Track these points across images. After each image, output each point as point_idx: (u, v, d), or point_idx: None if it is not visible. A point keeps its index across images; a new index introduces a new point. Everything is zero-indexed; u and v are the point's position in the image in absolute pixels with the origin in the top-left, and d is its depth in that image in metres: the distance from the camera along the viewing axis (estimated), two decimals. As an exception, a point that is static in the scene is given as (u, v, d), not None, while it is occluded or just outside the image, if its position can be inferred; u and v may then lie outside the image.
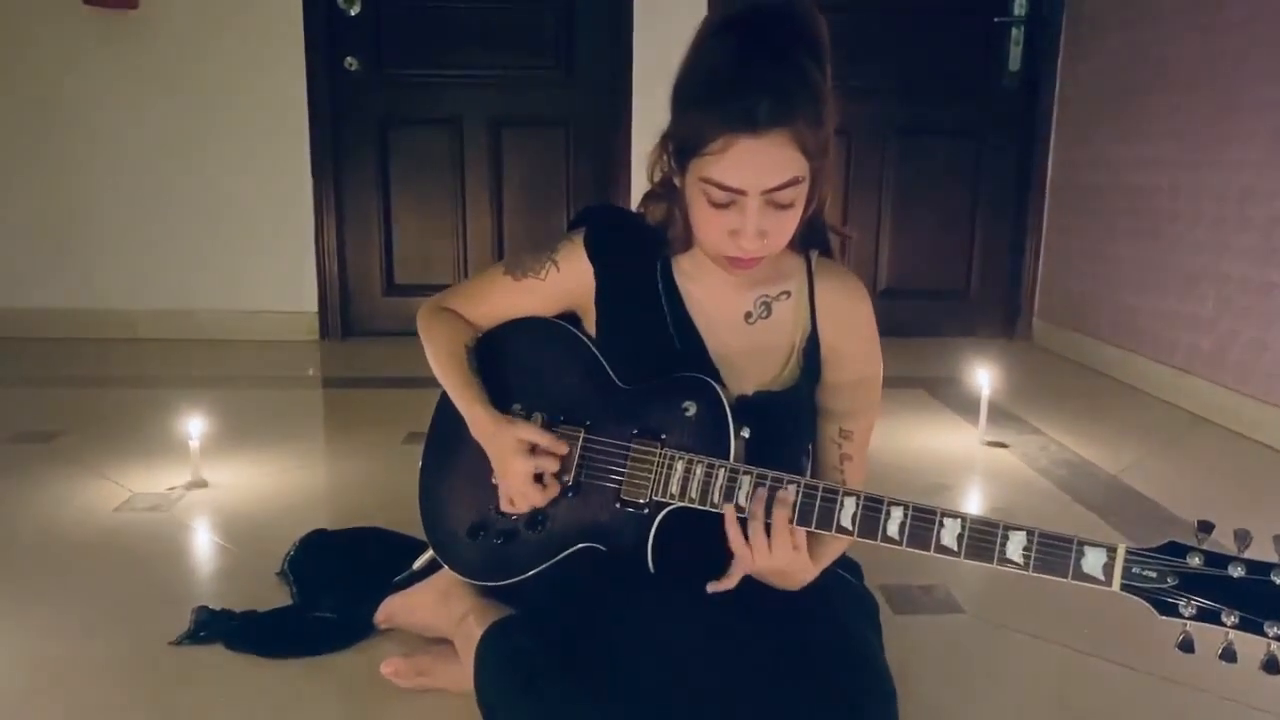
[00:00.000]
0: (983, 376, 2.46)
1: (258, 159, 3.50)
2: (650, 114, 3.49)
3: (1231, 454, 2.45)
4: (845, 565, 1.33)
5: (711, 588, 1.09)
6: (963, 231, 3.79)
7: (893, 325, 3.55)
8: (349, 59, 3.51)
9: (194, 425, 2.07)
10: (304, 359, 3.40)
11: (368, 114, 3.58)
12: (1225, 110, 2.63)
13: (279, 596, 1.55)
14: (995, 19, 3.59)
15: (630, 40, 3.50)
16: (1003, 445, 2.42)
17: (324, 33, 3.46)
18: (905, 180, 3.75)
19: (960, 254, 3.81)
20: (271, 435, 2.49)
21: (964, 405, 2.70)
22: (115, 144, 3.45)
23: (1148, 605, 0.96)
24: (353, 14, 3.49)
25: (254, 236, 3.55)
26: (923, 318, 3.75)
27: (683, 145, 1.11)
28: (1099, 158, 3.30)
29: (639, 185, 3.56)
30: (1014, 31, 3.60)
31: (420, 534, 1.54)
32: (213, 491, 2.04)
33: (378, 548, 1.66)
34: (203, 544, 1.82)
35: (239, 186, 3.51)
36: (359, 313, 3.70)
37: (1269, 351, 2.46)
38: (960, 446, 2.43)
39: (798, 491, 1.07)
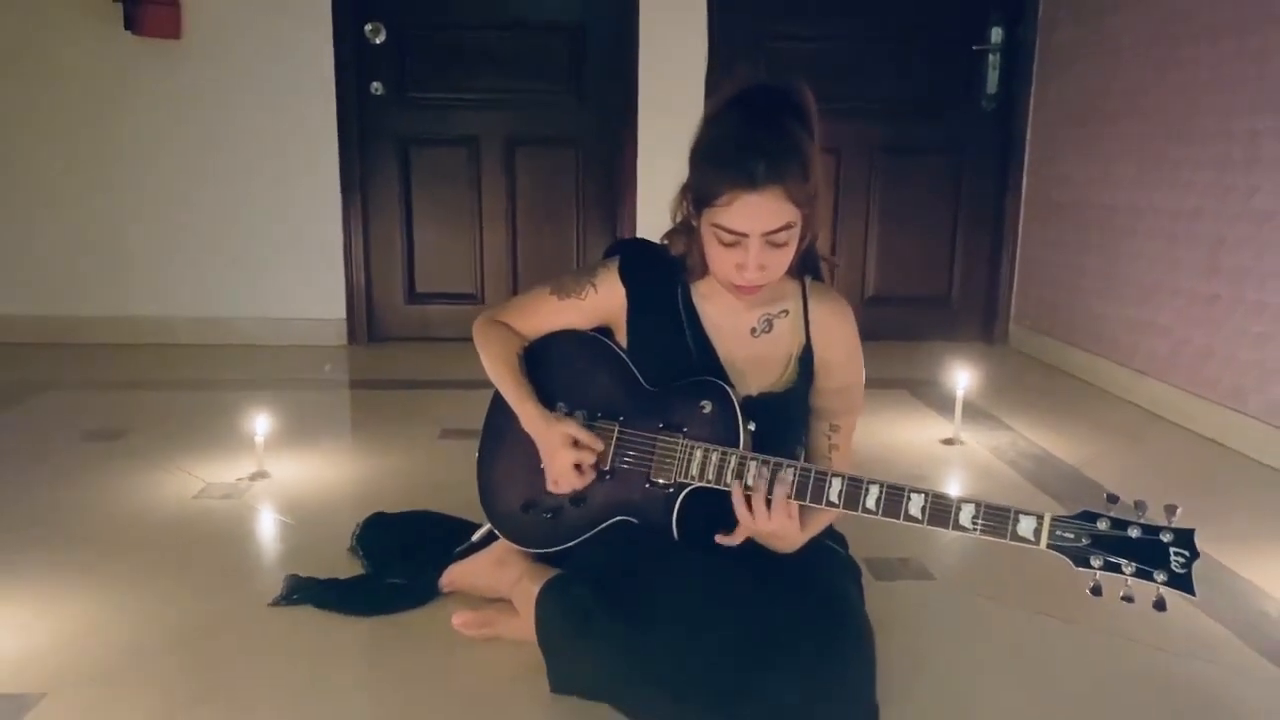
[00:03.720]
0: (959, 378, 2.73)
1: (291, 176, 3.76)
2: (654, 135, 3.79)
3: (1181, 448, 2.72)
4: (834, 538, 1.61)
5: (719, 539, 1.37)
6: (944, 243, 4.06)
7: (879, 330, 3.90)
8: (375, 84, 3.77)
9: (259, 423, 2.34)
10: (334, 363, 3.65)
11: (391, 134, 3.84)
12: (1175, 138, 2.91)
13: (351, 567, 1.82)
14: (974, 46, 3.87)
15: (636, 66, 3.76)
16: (960, 441, 2.69)
17: (352, 60, 3.73)
18: (891, 195, 4.02)
19: (942, 264, 4.08)
20: (317, 432, 2.75)
21: (942, 404, 2.97)
22: (159, 163, 3.71)
23: (1067, 560, 1.24)
24: (378, 43, 3.75)
25: (287, 248, 3.80)
26: (907, 323, 4.02)
27: (698, 196, 1.39)
28: (1068, 176, 3.58)
29: (644, 201, 3.89)
30: (991, 58, 3.88)
31: (467, 515, 1.83)
32: (275, 481, 2.30)
33: (434, 526, 1.92)
34: (276, 524, 2.09)
35: (274, 202, 3.77)
36: (383, 319, 3.96)
37: (1214, 357, 2.74)
38: (936, 441, 2.70)
39: (795, 473, 1.34)
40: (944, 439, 2.70)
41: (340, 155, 3.76)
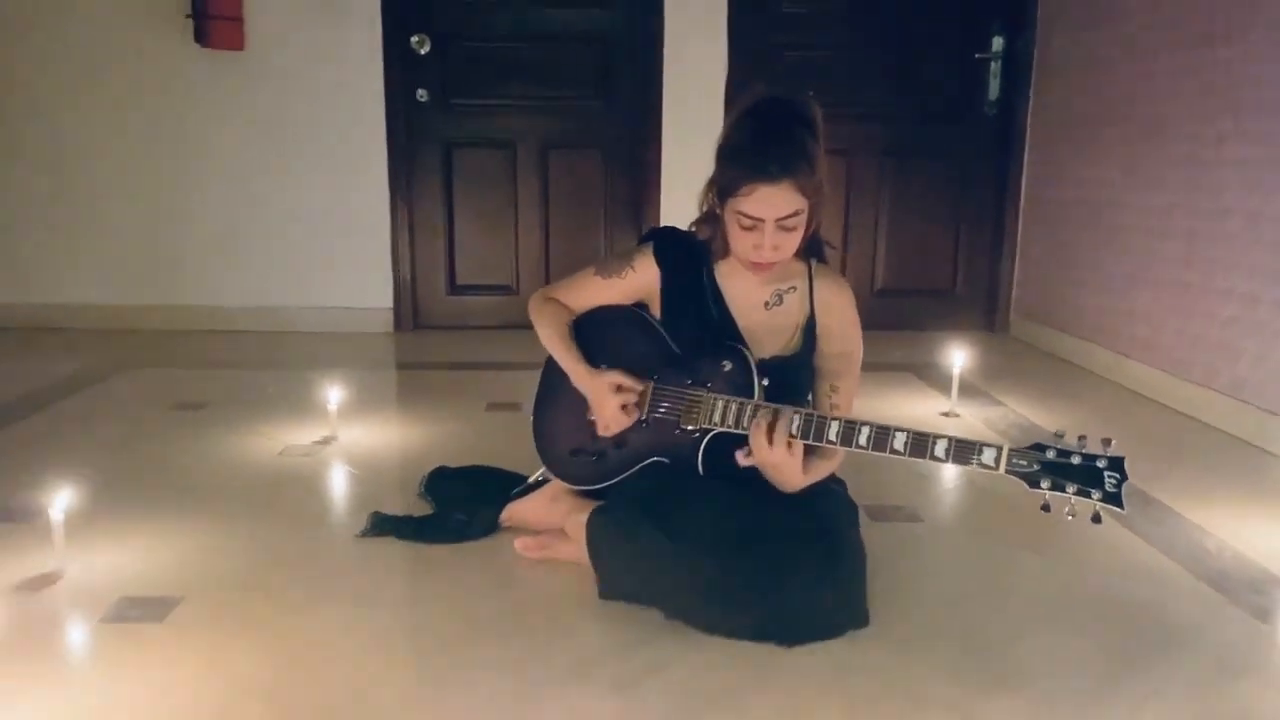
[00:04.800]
0: (956, 358, 3.01)
1: (343, 176, 4.08)
2: (677, 137, 4.09)
3: (1156, 420, 2.99)
4: (836, 481, 1.90)
5: (738, 455, 1.65)
6: (948, 239, 4.34)
7: (887, 320, 4.21)
8: (420, 91, 4.09)
9: (331, 392, 2.65)
10: (382, 348, 3.97)
11: (435, 138, 4.15)
12: (1155, 140, 3.19)
13: (422, 509, 2.12)
14: (976, 55, 4.15)
15: (660, 74, 4.06)
16: (956, 414, 2.97)
17: (399, 69, 4.04)
18: (898, 195, 4.30)
19: (946, 259, 4.35)
20: (375, 405, 3.07)
21: (944, 384, 3.24)
22: (223, 163, 4.04)
23: (1022, 482, 1.53)
24: (423, 53, 4.06)
25: (339, 243, 4.12)
26: (913, 314, 4.30)
27: (722, 189, 1.69)
28: (1063, 176, 3.86)
29: (667, 198, 4.21)
30: (993, 66, 4.15)
31: (518, 468, 2.13)
32: (346, 444, 2.61)
33: (490, 475, 2.22)
34: (351, 477, 2.40)
35: (327, 200, 4.08)
36: (426, 309, 4.28)
37: (1186, 339, 3.02)
38: (936, 414, 2.98)
39: (799, 416, 1.63)
40: (943, 412, 2.98)
41: (388, 157, 4.08)
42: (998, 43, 4.14)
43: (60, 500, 1.80)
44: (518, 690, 1.45)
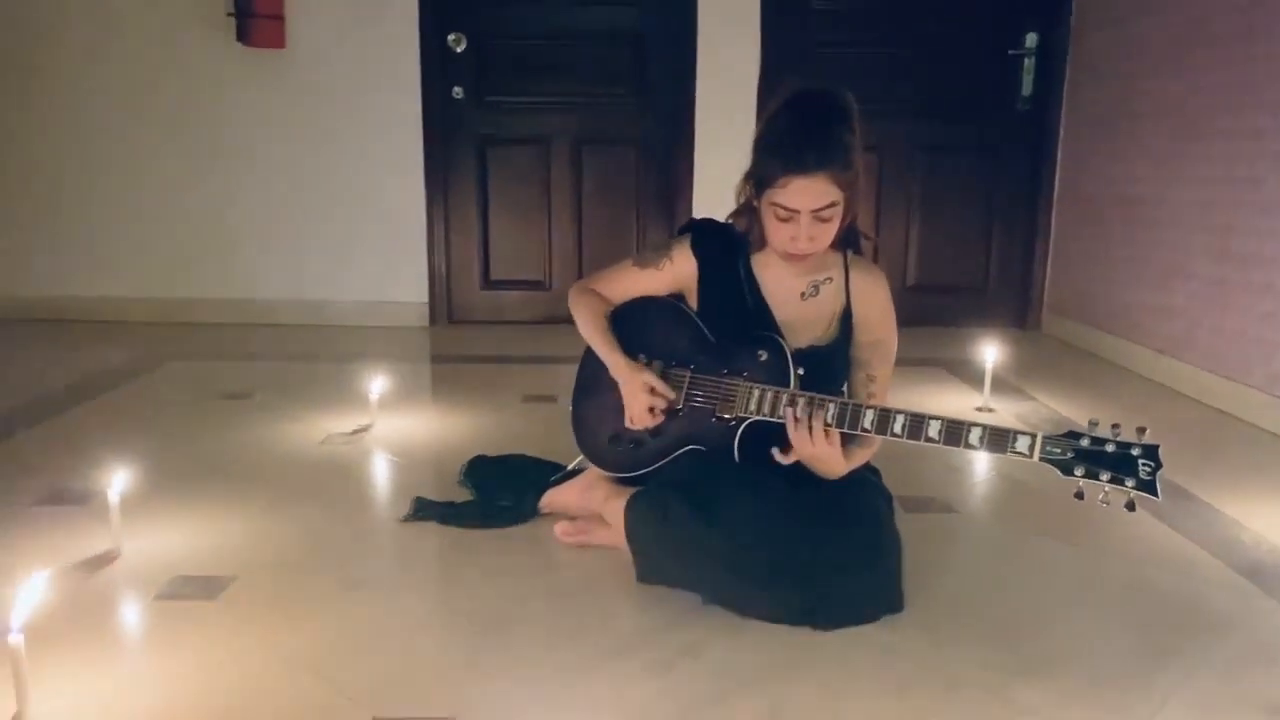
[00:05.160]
0: (989, 353, 3.01)
1: (380, 173, 4.14)
2: (709, 134, 4.12)
3: (1191, 416, 2.98)
4: (871, 470, 1.92)
5: (777, 455, 1.68)
6: (981, 235, 4.34)
7: (920, 316, 4.22)
8: (456, 88, 4.14)
9: (373, 383, 2.71)
10: (418, 342, 4.03)
11: (471, 135, 4.21)
12: (1190, 137, 3.17)
13: (462, 496, 2.17)
14: (1010, 51, 4.14)
15: (694, 71, 4.09)
16: (990, 409, 2.98)
17: (436, 67, 4.10)
18: (932, 190, 4.30)
19: (979, 255, 4.35)
20: (413, 396, 3.13)
21: (976, 380, 3.25)
22: (264, 160, 4.12)
23: (1056, 469, 1.55)
24: (459, 51, 4.12)
25: (376, 238, 4.19)
26: (946, 310, 4.30)
27: (759, 181, 1.72)
28: (1096, 172, 3.85)
29: (700, 196, 4.25)
30: (1026, 62, 4.15)
31: (555, 458, 2.17)
32: (386, 433, 2.66)
33: (528, 463, 2.27)
34: (392, 464, 2.45)
35: (365, 196, 4.15)
36: (461, 303, 4.33)
37: (1223, 335, 3.01)
38: (968, 410, 2.99)
39: (835, 405, 1.66)
40: (976, 407, 2.99)
41: (425, 154, 4.14)
42: (1031, 39, 4.13)
43: (116, 483, 1.87)
44: (558, 668, 1.49)
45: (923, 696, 1.43)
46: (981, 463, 2.51)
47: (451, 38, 4.09)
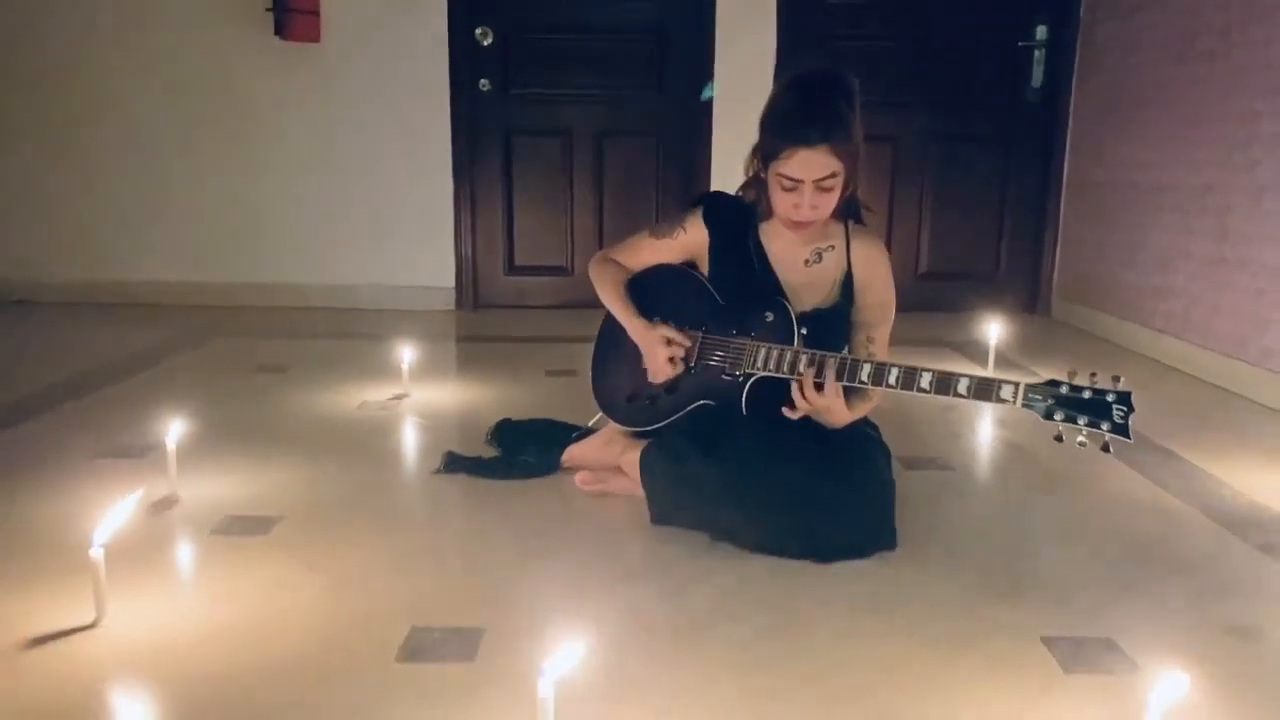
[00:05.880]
0: (993, 330, 3.14)
1: (410, 162, 4.31)
2: (728, 126, 4.26)
3: (1186, 391, 3.09)
4: (871, 426, 2.06)
5: (785, 411, 1.83)
6: (992, 223, 4.45)
7: (931, 302, 4.34)
8: (483, 81, 4.31)
9: (404, 353, 2.87)
10: (445, 324, 4.20)
11: (496, 126, 4.37)
12: (1192, 122, 3.28)
13: (490, 454, 2.32)
14: (1020, 43, 4.26)
15: (712, 65, 4.23)
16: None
17: (463, 60, 4.26)
18: (944, 180, 4.42)
19: (990, 242, 4.47)
20: (442, 370, 3.29)
21: (982, 360, 3.37)
22: (297, 150, 4.30)
23: (1037, 415, 1.68)
24: (486, 45, 4.28)
25: (405, 224, 4.36)
26: (958, 296, 4.40)
27: (766, 154, 1.86)
28: (1102, 160, 3.95)
29: (718, 184, 4.37)
30: (1036, 53, 4.26)
31: (573, 420, 2.32)
32: (418, 401, 2.82)
33: (551, 424, 2.42)
34: (423, 425, 2.61)
35: (394, 184, 4.33)
36: (486, 288, 4.50)
37: (1219, 313, 3.12)
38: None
39: (835, 360, 1.80)
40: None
41: (452, 144, 4.30)
42: (1041, 31, 4.25)
43: (173, 432, 2.04)
44: (577, 590, 1.64)
45: (907, 614, 1.57)
46: (982, 429, 2.64)
47: (479, 31, 4.26)
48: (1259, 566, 1.79)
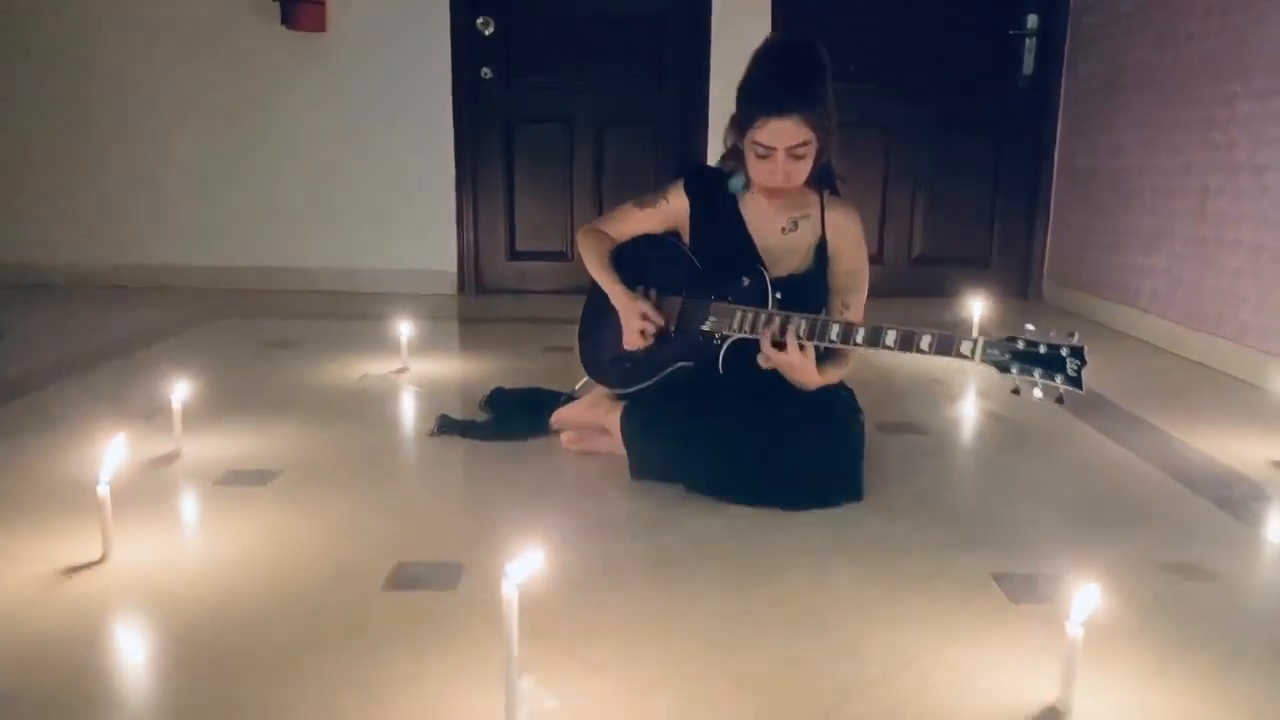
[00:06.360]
0: (975, 306, 3.21)
1: (413, 149, 4.41)
2: (724, 114, 4.27)
3: (1164, 368, 3.15)
4: (846, 390, 2.14)
5: (758, 360, 1.91)
6: (985, 209, 4.52)
7: (924, 288, 4.40)
8: (484, 70, 4.40)
9: (404, 328, 2.97)
10: (447, 306, 4.30)
11: (498, 114, 4.46)
12: (1173, 104, 3.35)
13: (483, 418, 2.41)
14: (1011, 32, 4.33)
15: (709, 55, 4.30)
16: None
17: (466, 49, 4.36)
18: (936, 167, 4.49)
19: (983, 228, 4.54)
20: (442, 347, 3.39)
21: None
22: (306, 136, 4.40)
23: (994, 369, 1.76)
24: (488, 34, 4.38)
25: (409, 210, 4.46)
26: (949, 282, 4.45)
27: (741, 123, 1.95)
28: (1092, 145, 4.02)
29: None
30: (1027, 42, 4.33)
31: (563, 388, 2.41)
32: (417, 374, 2.91)
33: (541, 392, 2.51)
34: (421, 395, 2.70)
35: (398, 170, 4.43)
36: (488, 273, 4.59)
37: (1199, 291, 3.19)
38: (953, 361, 3.18)
39: (805, 321, 1.88)
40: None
41: (455, 131, 4.40)
42: (1032, 20, 4.32)
43: (178, 392, 2.14)
44: (556, 532, 1.73)
45: (871, 558, 1.65)
46: (964, 400, 2.72)
47: (480, 21, 4.35)
48: (1212, 517, 1.86)
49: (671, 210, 2.13)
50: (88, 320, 3.82)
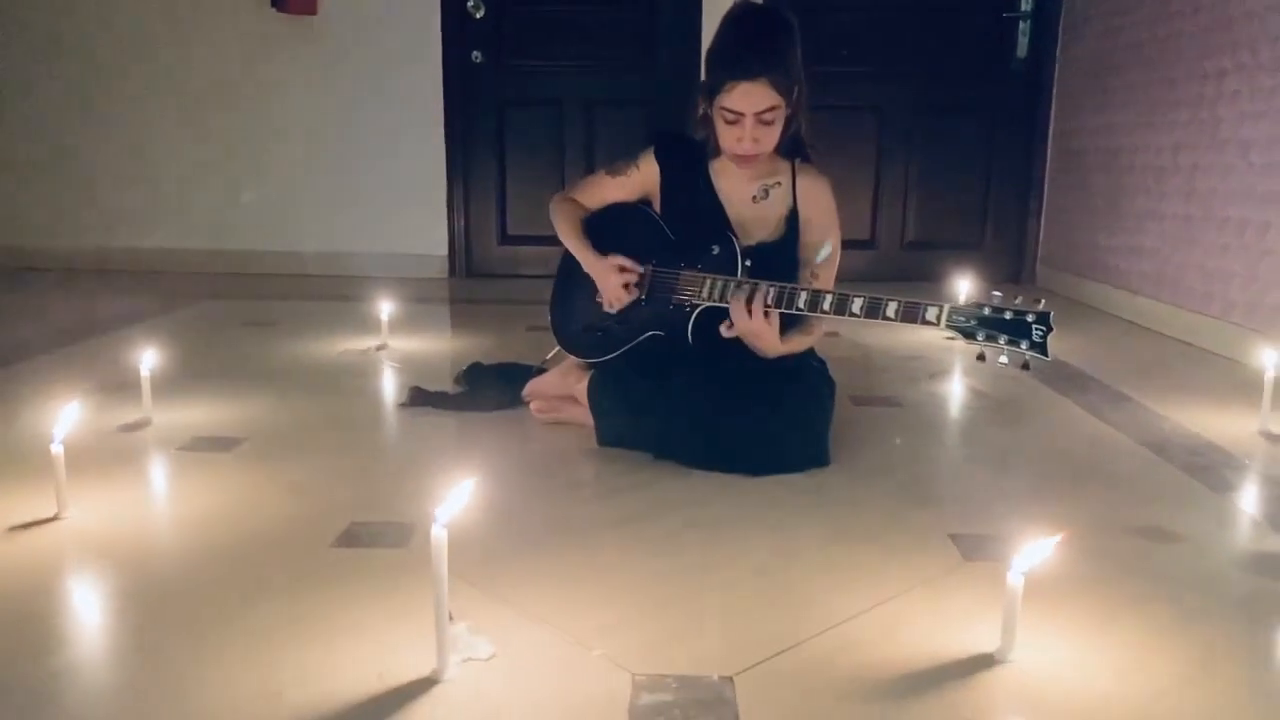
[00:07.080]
0: (962, 285, 3.18)
1: (403, 132, 4.41)
2: (716, 96, 4.30)
3: (1151, 347, 3.12)
4: (817, 360, 2.13)
5: (722, 328, 1.89)
6: (978, 192, 4.49)
7: (916, 272, 4.36)
8: (475, 53, 4.39)
9: (384, 307, 2.96)
10: (437, 289, 4.29)
11: (489, 97, 4.45)
12: (1163, 83, 3.32)
13: (458, 388, 2.41)
14: (1004, 14, 4.30)
15: (699, 36, 4.27)
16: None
17: (456, 32, 4.35)
18: (930, 150, 4.46)
19: (976, 212, 4.51)
20: (427, 325, 3.38)
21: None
22: (296, 120, 4.40)
23: (960, 335, 1.75)
24: (479, 17, 4.37)
25: (399, 194, 4.46)
26: (942, 266, 4.41)
27: (710, 89, 1.93)
28: (1082, 127, 3.99)
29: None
30: (1021, 24, 4.30)
31: (537, 361, 2.40)
32: (396, 350, 2.91)
33: (515, 366, 2.50)
34: (398, 369, 2.69)
35: (389, 154, 4.42)
36: (478, 257, 4.59)
37: (1187, 270, 3.16)
38: (943, 338, 3.15)
39: (772, 289, 1.87)
40: (948, 337, 3.15)
41: (445, 114, 4.39)
42: (1026, 1, 4.28)
43: (147, 360, 2.14)
44: (520, 493, 1.73)
45: (830, 514, 1.64)
46: (941, 376, 2.70)
47: (471, 3, 4.34)
48: (1181, 484, 1.84)
49: (643, 177, 2.12)
50: (72, 302, 3.83)
